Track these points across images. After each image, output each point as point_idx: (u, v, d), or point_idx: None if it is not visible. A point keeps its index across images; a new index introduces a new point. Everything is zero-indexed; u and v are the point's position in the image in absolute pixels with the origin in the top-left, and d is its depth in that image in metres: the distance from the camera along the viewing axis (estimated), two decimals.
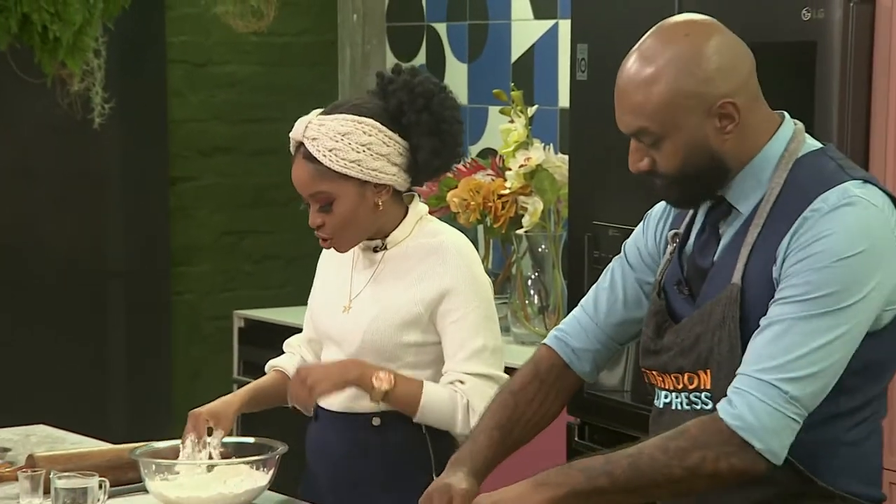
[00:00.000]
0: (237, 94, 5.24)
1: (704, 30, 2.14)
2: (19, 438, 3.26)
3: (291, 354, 3.02)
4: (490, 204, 4.28)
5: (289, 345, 3.04)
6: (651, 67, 2.12)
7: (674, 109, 2.12)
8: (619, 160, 3.61)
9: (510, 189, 4.24)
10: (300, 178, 2.79)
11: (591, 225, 3.72)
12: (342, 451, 2.84)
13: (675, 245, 2.28)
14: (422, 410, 2.76)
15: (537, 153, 4.22)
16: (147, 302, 5.16)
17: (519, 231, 4.29)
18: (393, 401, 2.75)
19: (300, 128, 2.78)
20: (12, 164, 4.90)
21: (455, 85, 5.04)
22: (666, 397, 2.24)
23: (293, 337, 3.05)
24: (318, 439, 2.89)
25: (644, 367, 2.28)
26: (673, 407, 2.22)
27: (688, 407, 2.19)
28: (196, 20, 5.09)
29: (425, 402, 2.75)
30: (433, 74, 5.09)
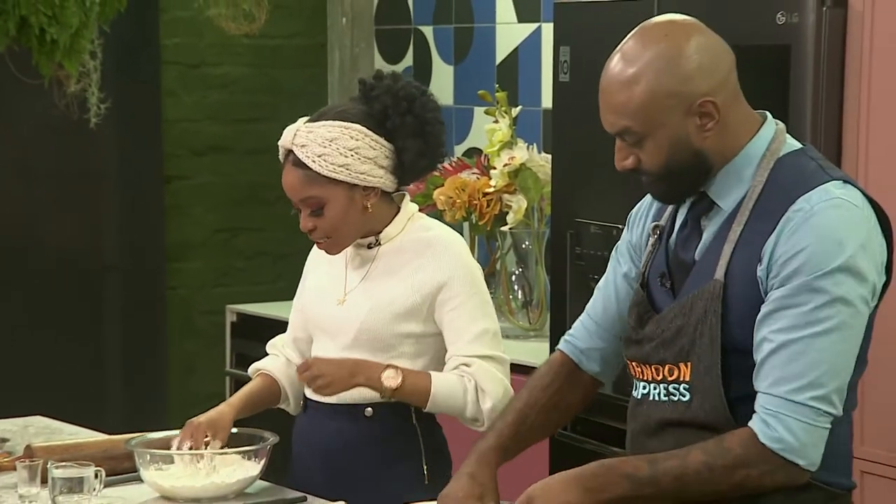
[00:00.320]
0: (229, 95, 5.23)
1: (684, 30, 2.15)
2: (17, 429, 3.26)
3: (275, 356, 3.00)
4: (475, 202, 4.28)
5: (272, 346, 3.02)
6: (632, 68, 2.13)
7: (655, 109, 2.12)
8: (601, 159, 3.62)
9: (495, 187, 4.25)
10: (290, 184, 2.79)
11: (574, 222, 3.73)
12: (333, 442, 2.83)
13: (657, 237, 2.29)
14: (433, 399, 2.76)
15: (521, 152, 4.22)
16: (142, 297, 5.16)
17: (503, 228, 4.30)
18: (403, 395, 2.76)
19: (289, 136, 2.78)
20: (11, 163, 4.89)
21: (441, 86, 5.04)
22: (644, 388, 2.24)
23: (276, 337, 3.03)
24: (309, 430, 2.88)
25: (626, 358, 2.29)
26: (651, 398, 2.23)
27: (665, 398, 2.20)
28: (189, 23, 5.09)
29: (435, 392, 2.75)
30: (420, 76, 5.11)
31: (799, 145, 2.21)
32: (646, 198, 2.36)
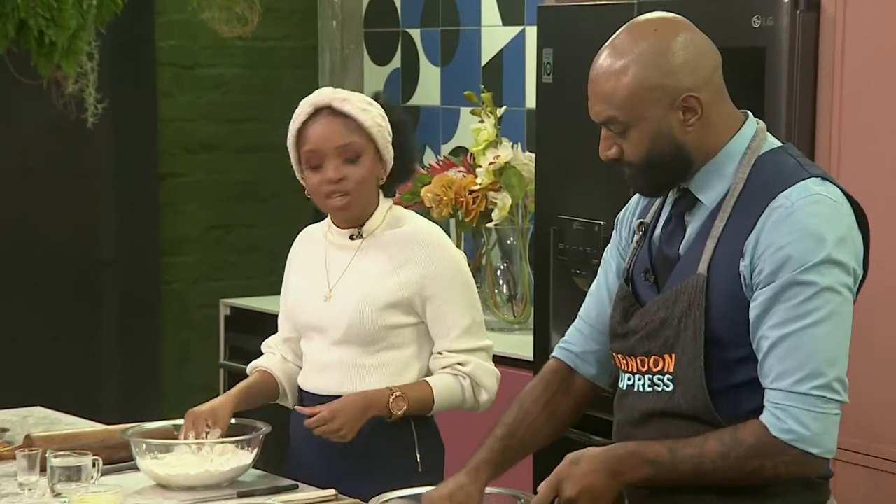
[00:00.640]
0: (223, 96, 5.23)
1: (673, 27, 2.16)
2: (17, 419, 3.25)
3: (271, 354, 3.00)
4: (462, 199, 4.29)
5: (267, 346, 3.03)
6: (621, 60, 2.14)
7: (639, 100, 2.13)
8: (583, 158, 3.64)
9: (480, 185, 4.25)
10: (330, 132, 2.77)
11: (557, 219, 3.73)
12: None
13: (642, 233, 2.29)
14: (436, 407, 2.81)
15: (506, 151, 4.23)
16: (138, 291, 5.15)
17: (489, 224, 4.30)
18: (410, 413, 2.78)
19: (326, 93, 2.79)
20: (11, 162, 4.89)
21: (428, 87, 5.05)
22: (629, 379, 2.24)
23: (270, 338, 3.03)
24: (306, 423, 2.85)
25: (612, 351, 2.29)
26: (635, 389, 2.23)
27: (649, 389, 2.20)
28: (184, 25, 5.08)
29: (438, 400, 2.80)
30: (408, 78, 5.12)
31: (779, 143, 2.22)
32: (631, 200, 2.37)
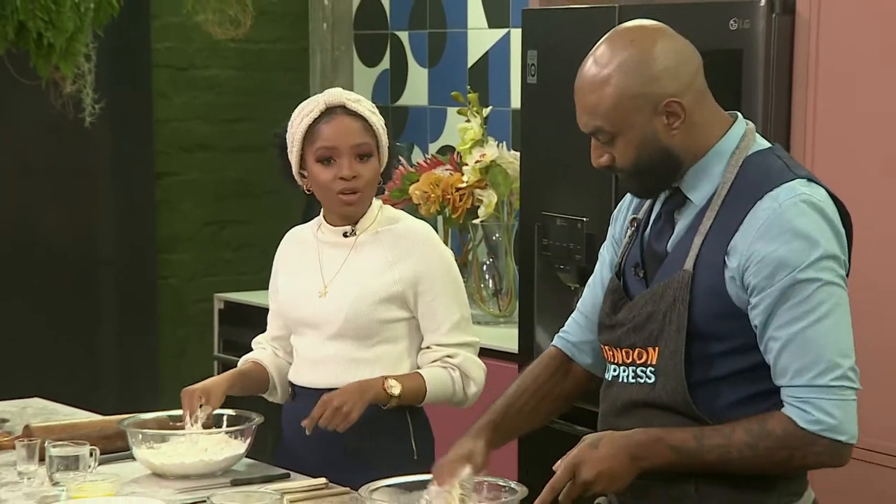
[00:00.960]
0: (217, 96, 5.22)
1: (651, 35, 2.16)
2: (17, 410, 3.25)
3: (262, 349, 3.00)
4: (449, 196, 4.29)
5: (258, 342, 3.03)
6: (603, 71, 2.14)
7: (623, 109, 2.13)
8: (567, 157, 3.64)
9: (467, 183, 4.26)
10: (349, 129, 2.80)
11: (541, 215, 3.74)
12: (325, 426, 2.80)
13: (634, 229, 2.29)
14: (428, 397, 2.81)
15: (492, 150, 4.23)
16: (135, 287, 5.15)
17: (475, 221, 4.30)
18: (404, 401, 2.78)
19: (336, 93, 2.84)
20: (9, 161, 4.88)
21: (416, 88, 5.05)
22: (614, 371, 2.25)
23: (259, 336, 3.04)
24: (301, 414, 2.78)
25: (600, 342, 2.30)
26: (620, 380, 2.24)
27: (633, 380, 2.21)
28: (179, 28, 5.08)
29: (430, 390, 2.80)
30: (396, 79, 5.12)
31: (767, 144, 2.22)
32: (626, 196, 2.37)
